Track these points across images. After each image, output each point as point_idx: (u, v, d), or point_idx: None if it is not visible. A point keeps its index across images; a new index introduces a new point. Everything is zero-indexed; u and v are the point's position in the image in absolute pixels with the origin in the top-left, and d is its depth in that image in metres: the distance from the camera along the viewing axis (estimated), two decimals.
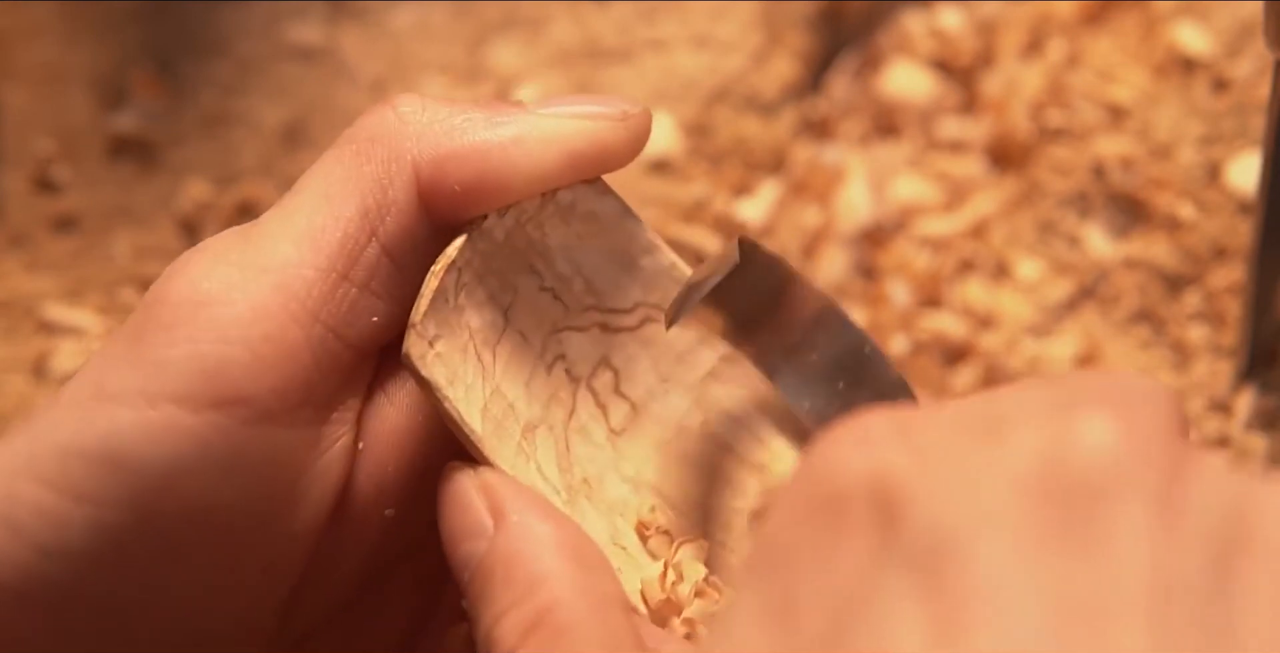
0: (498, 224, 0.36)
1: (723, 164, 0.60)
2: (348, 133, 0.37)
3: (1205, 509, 0.26)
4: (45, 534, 0.33)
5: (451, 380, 0.35)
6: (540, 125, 0.36)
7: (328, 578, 0.36)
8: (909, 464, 0.28)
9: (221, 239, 0.36)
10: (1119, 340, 0.55)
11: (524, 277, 0.37)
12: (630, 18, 0.63)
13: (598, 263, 0.38)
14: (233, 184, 0.59)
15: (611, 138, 0.37)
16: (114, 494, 0.33)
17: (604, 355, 0.38)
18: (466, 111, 0.36)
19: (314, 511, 0.36)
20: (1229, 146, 0.57)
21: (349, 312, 0.35)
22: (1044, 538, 0.26)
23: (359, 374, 0.36)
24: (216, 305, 0.34)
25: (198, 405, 0.33)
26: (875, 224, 0.59)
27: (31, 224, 0.59)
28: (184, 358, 0.34)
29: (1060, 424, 0.27)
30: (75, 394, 0.34)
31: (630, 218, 0.38)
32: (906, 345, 0.56)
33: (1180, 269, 0.56)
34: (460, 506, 0.35)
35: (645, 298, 0.38)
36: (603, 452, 0.38)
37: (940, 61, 0.63)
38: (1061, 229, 0.57)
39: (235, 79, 0.62)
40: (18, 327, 0.57)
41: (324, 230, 0.35)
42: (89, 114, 0.61)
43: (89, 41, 0.63)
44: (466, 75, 0.62)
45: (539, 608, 0.33)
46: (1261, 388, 0.53)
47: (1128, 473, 0.27)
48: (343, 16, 0.63)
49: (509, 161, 0.36)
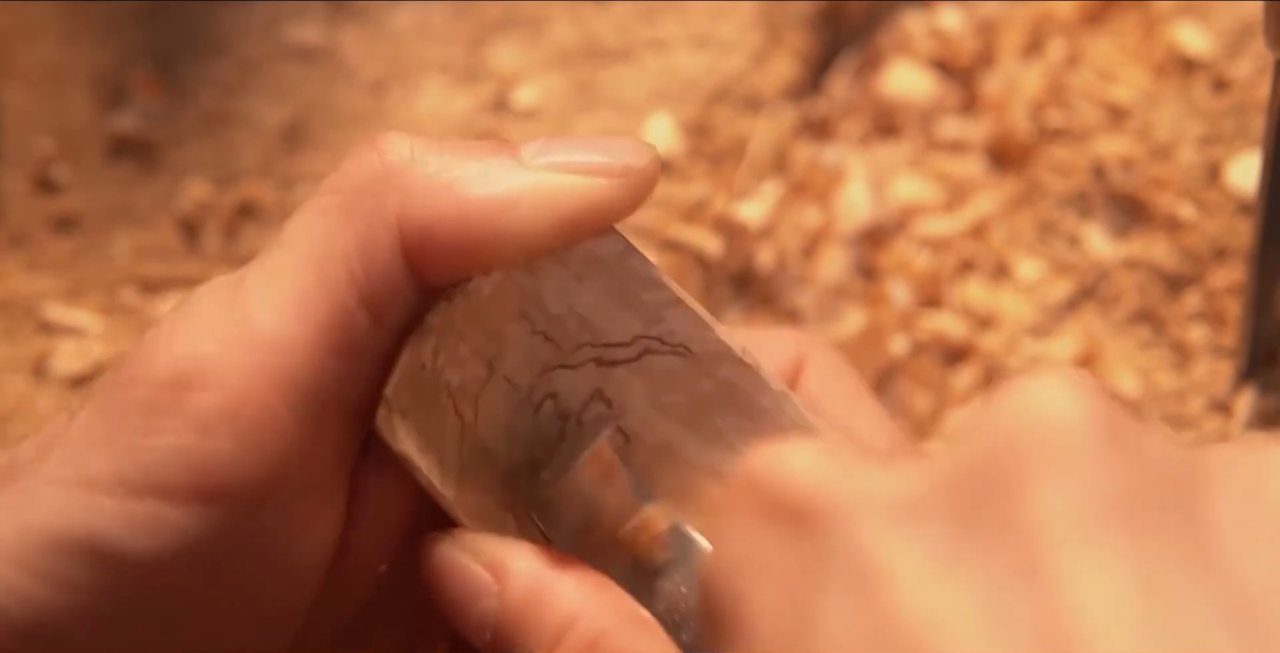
0: (485, 282, 0.35)
1: (723, 164, 0.60)
2: (333, 180, 0.35)
3: (1160, 450, 0.26)
4: (27, 621, 0.32)
5: (424, 448, 0.34)
6: (535, 186, 0.34)
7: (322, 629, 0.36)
8: (832, 475, 0.28)
9: (204, 305, 0.34)
10: (1119, 340, 0.55)
11: (513, 325, 0.36)
12: (630, 18, 0.63)
13: (595, 302, 0.36)
14: (233, 184, 0.59)
15: (610, 200, 0.35)
16: (98, 584, 0.32)
17: (597, 389, 0.37)
18: (458, 162, 0.34)
19: (306, 580, 0.35)
20: (1229, 146, 0.57)
21: (339, 385, 0.34)
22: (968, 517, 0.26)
23: (350, 439, 0.35)
24: (200, 390, 0.32)
25: (182, 499, 0.32)
26: (875, 224, 0.59)
27: (31, 224, 0.59)
28: (167, 449, 0.32)
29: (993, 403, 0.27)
30: (57, 474, 0.33)
31: (632, 255, 0.36)
32: (906, 345, 0.56)
33: (1180, 269, 0.56)
34: (456, 572, 0.34)
35: (646, 331, 0.37)
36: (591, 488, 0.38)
37: (940, 61, 0.63)
38: (1061, 229, 0.57)
39: (235, 79, 0.62)
40: (18, 327, 0.57)
41: (311, 298, 0.33)
42: (89, 114, 0.61)
43: (89, 41, 0.63)
44: (466, 75, 0.62)
45: (587, 639, 0.33)
46: (1261, 388, 0.53)
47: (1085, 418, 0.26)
48: (343, 16, 0.63)
49: (499, 230, 0.34)
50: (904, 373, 0.56)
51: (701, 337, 0.37)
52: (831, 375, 0.40)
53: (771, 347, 0.40)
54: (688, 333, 0.37)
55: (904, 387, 0.55)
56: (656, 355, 0.37)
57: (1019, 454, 0.26)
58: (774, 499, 0.28)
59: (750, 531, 0.28)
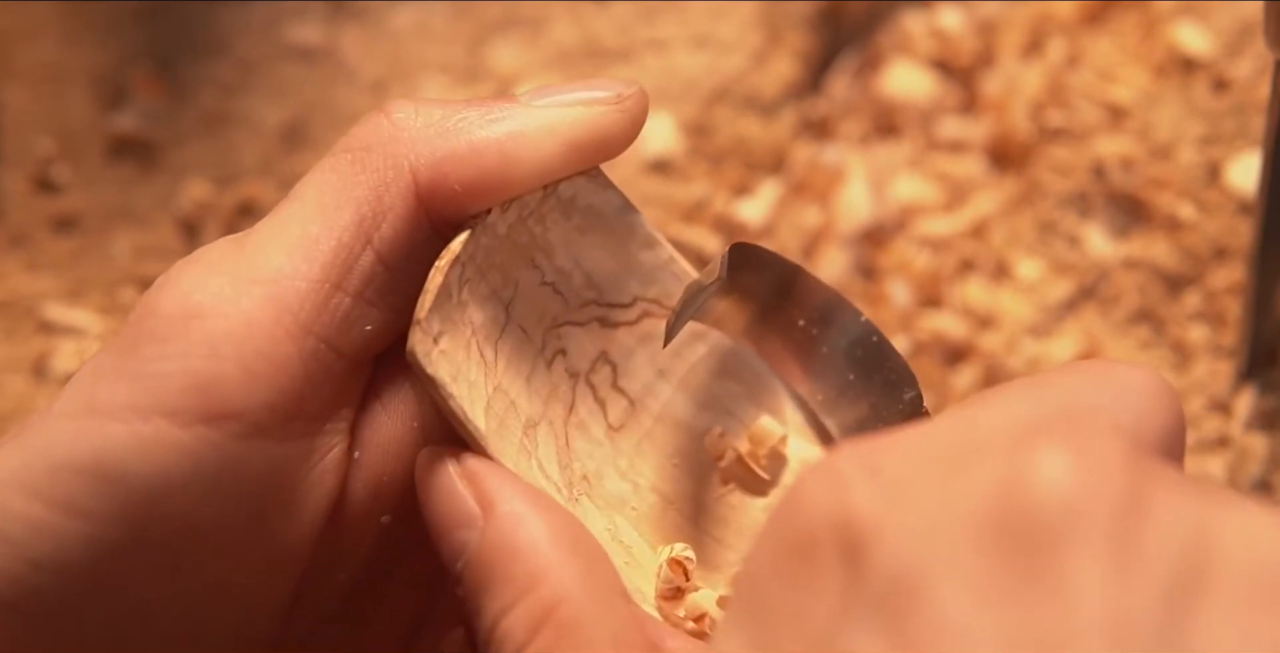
0: (500, 218, 0.36)
1: (723, 164, 0.60)
2: (343, 141, 0.36)
3: (1161, 545, 0.26)
4: (37, 548, 0.33)
5: (455, 377, 0.35)
6: (536, 117, 0.36)
7: (326, 583, 0.36)
8: (874, 504, 0.28)
9: (214, 248, 0.35)
10: (1119, 340, 0.55)
11: (525, 271, 0.37)
12: (630, 18, 0.63)
13: (597, 257, 0.38)
14: (233, 184, 0.59)
15: (609, 123, 0.36)
16: (106, 509, 0.33)
17: (603, 350, 0.38)
18: (461, 111, 0.36)
19: (309, 520, 0.35)
20: (1229, 146, 0.57)
21: (343, 322, 0.35)
22: (1000, 582, 0.26)
23: (353, 383, 0.36)
24: (208, 319, 0.34)
25: (189, 420, 0.33)
26: (875, 224, 0.59)
27: (31, 224, 0.59)
28: (175, 373, 0.33)
29: (1018, 459, 0.27)
30: (67, 406, 0.34)
31: (630, 212, 0.38)
32: (907, 346, 0.56)
33: (1180, 269, 0.56)
34: (445, 494, 0.35)
35: (644, 293, 0.38)
36: (601, 448, 0.38)
37: (940, 61, 0.63)
38: (1061, 229, 0.57)
39: (235, 79, 0.62)
40: (18, 327, 0.57)
41: (317, 240, 0.35)
42: (89, 114, 0.61)
43: (89, 41, 0.63)
44: (466, 75, 0.62)
45: (545, 604, 0.33)
46: (1261, 388, 0.53)
47: (1080, 512, 0.26)
48: (343, 16, 0.63)
49: (509, 157, 0.35)
50: None
51: None
52: None
53: None
54: None
55: None
56: (654, 319, 0.39)
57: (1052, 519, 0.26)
58: (806, 534, 0.28)
59: (783, 563, 0.28)
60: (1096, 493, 0.27)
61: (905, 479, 0.28)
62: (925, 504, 0.27)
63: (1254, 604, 0.25)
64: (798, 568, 0.28)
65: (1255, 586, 0.26)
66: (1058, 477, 0.27)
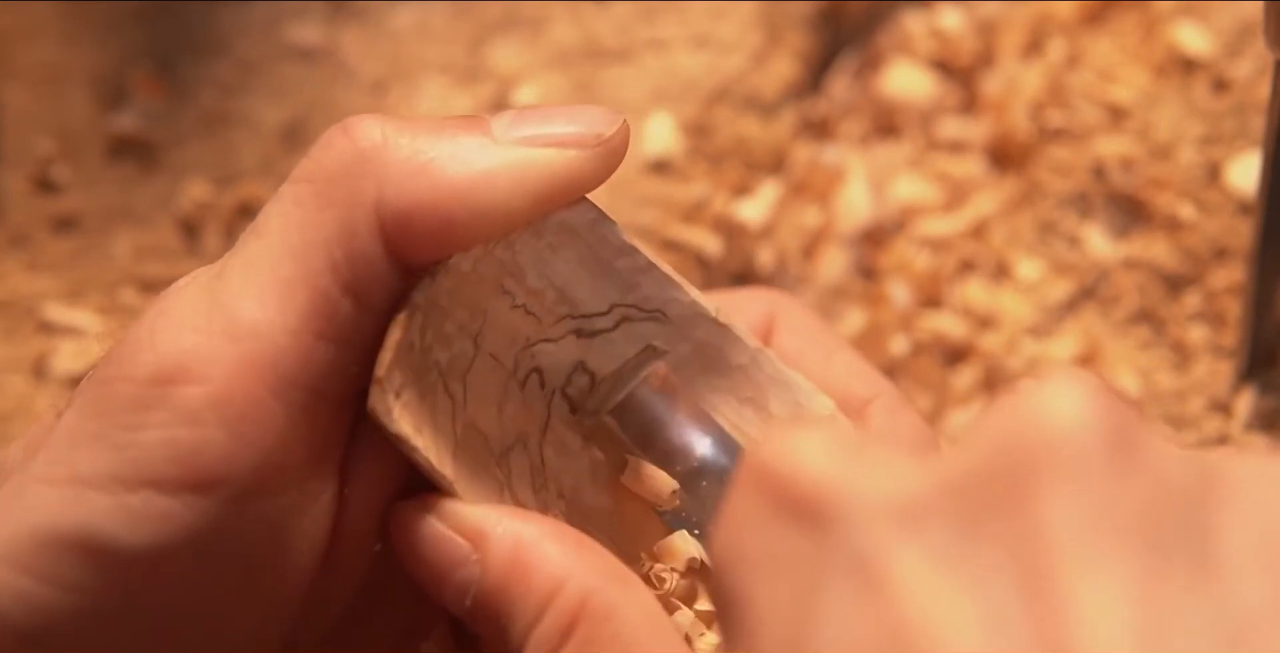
0: (464, 258, 0.35)
1: (723, 164, 0.60)
2: (305, 167, 0.35)
3: (1171, 460, 0.26)
4: (26, 621, 0.32)
5: (419, 429, 0.34)
6: (506, 163, 0.34)
7: (322, 612, 0.36)
8: (842, 470, 0.28)
9: (184, 297, 0.34)
10: (1119, 341, 0.55)
11: (494, 299, 0.36)
12: (630, 18, 0.63)
13: (570, 271, 0.37)
14: (233, 184, 0.59)
15: (584, 170, 0.35)
16: (96, 581, 0.32)
17: (579, 360, 0.37)
18: (430, 144, 0.34)
19: (304, 564, 0.35)
20: (1229, 146, 0.57)
21: (327, 371, 0.34)
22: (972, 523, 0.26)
23: (339, 424, 0.35)
24: (186, 384, 0.32)
25: (175, 489, 0.32)
26: (875, 224, 0.59)
27: (31, 224, 0.59)
28: (158, 443, 0.32)
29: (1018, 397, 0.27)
30: (47, 472, 0.33)
31: (603, 223, 0.37)
32: (906, 346, 0.56)
33: (1180, 269, 0.56)
34: (430, 541, 0.34)
35: (622, 299, 0.38)
36: (578, 460, 0.38)
37: (940, 61, 0.63)
38: (1061, 229, 0.57)
39: (235, 79, 0.62)
40: (18, 327, 0.57)
41: (291, 285, 0.33)
42: (89, 114, 0.61)
43: (89, 41, 0.63)
44: (466, 75, 0.62)
45: (574, 602, 0.33)
46: (1261, 388, 0.53)
47: (1088, 427, 0.26)
48: (343, 16, 0.63)
49: (476, 209, 0.34)
50: (904, 373, 0.56)
51: (676, 300, 0.38)
52: (803, 329, 0.41)
53: (742, 306, 0.40)
54: (662, 297, 0.38)
55: (904, 387, 0.55)
56: (634, 323, 0.38)
57: (1027, 462, 0.26)
58: (781, 492, 0.28)
59: (757, 522, 0.28)
60: (1101, 417, 0.26)
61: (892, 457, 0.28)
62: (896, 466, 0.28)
63: (1272, 516, 0.25)
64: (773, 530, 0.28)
65: (1269, 500, 0.25)
66: (1062, 402, 0.26)
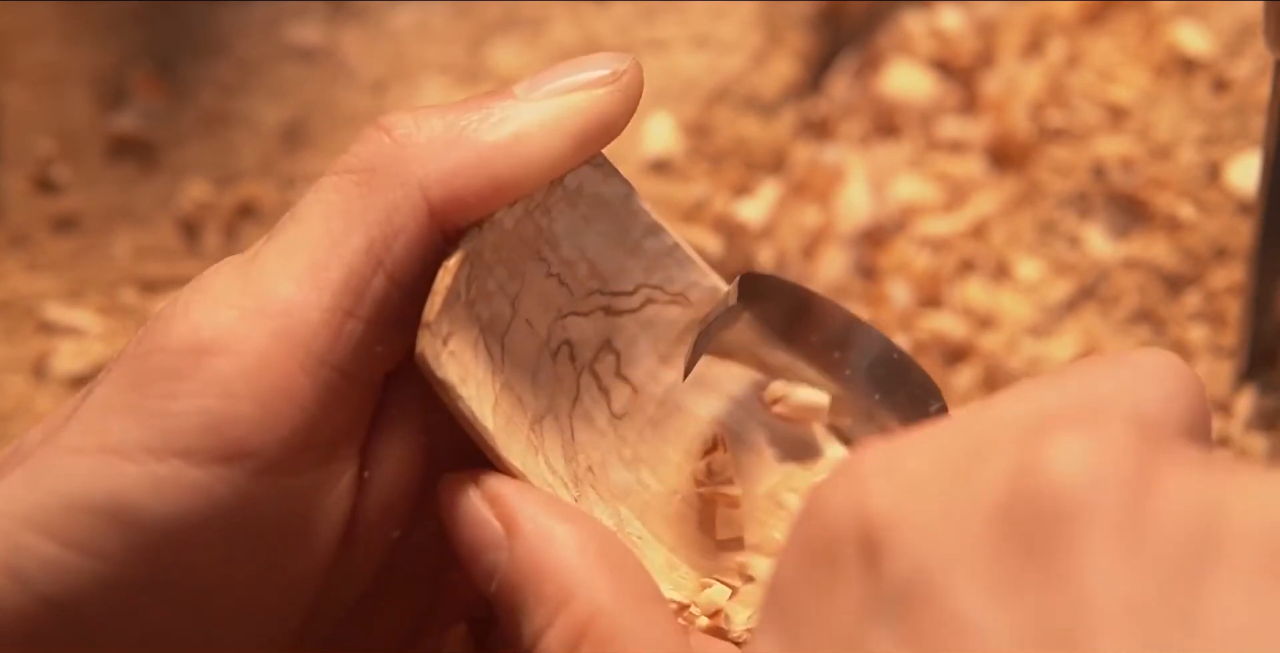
0: (507, 214, 0.36)
1: (723, 164, 0.60)
2: (344, 160, 0.35)
3: (1171, 522, 0.26)
4: (51, 586, 0.32)
5: (464, 379, 0.35)
6: (539, 113, 0.35)
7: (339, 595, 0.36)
8: (891, 503, 0.28)
9: (219, 275, 0.35)
10: (1119, 340, 0.55)
11: (531, 264, 0.37)
12: (630, 18, 0.63)
13: (601, 246, 0.38)
14: (233, 184, 0.59)
15: (611, 106, 0.36)
16: (122, 548, 0.33)
17: (606, 339, 0.38)
18: (461, 116, 0.35)
19: (324, 544, 0.35)
20: (1229, 147, 0.57)
21: (357, 349, 0.34)
22: (1012, 574, 0.26)
23: (365, 404, 0.36)
24: (220, 355, 0.33)
25: (205, 460, 0.33)
26: (875, 224, 0.59)
27: (31, 224, 0.59)
28: (189, 413, 0.33)
29: (1030, 448, 0.27)
30: (78, 441, 0.33)
31: (634, 199, 0.38)
32: (907, 346, 0.56)
33: (1180, 269, 0.56)
34: (469, 518, 0.34)
35: (647, 279, 0.38)
36: (605, 437, 0.38)
37: (940, 61, 0.63)
38: (1061, 229, 0.57)
39: (235, 79, 0.62)
40: (18, 327, 0.57)
41: (326, 266, 0.34)
42: (89, 114, 0.61)
43: (89, 41, 0.63)
44: (466, 75, 0.62)
45: (581, 620, 0.33)
46: (1261, 388, 0.53)
47: (1091, 498, 0.26)
48: (343, 16, 0.63)
49: (519, 160, 0.35)
50: None
51: (697, 284, 0.39)
52: None
53: None
54: (685, 280, 0.39)
55: None
56: (658, 305, 0.39)
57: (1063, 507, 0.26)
58: (819, 538, 0.28)
59: (800, 569, 0.28)
60: (1107, 478, 0.26)
61: (923, 476, 0.28)
62: (940, 500, 0.27)
63: (1265, 571, 0.25)
64: (821, 571, 0.28)
65: (1266, 552, 0.25)
66: (1068, 464, 0.26)
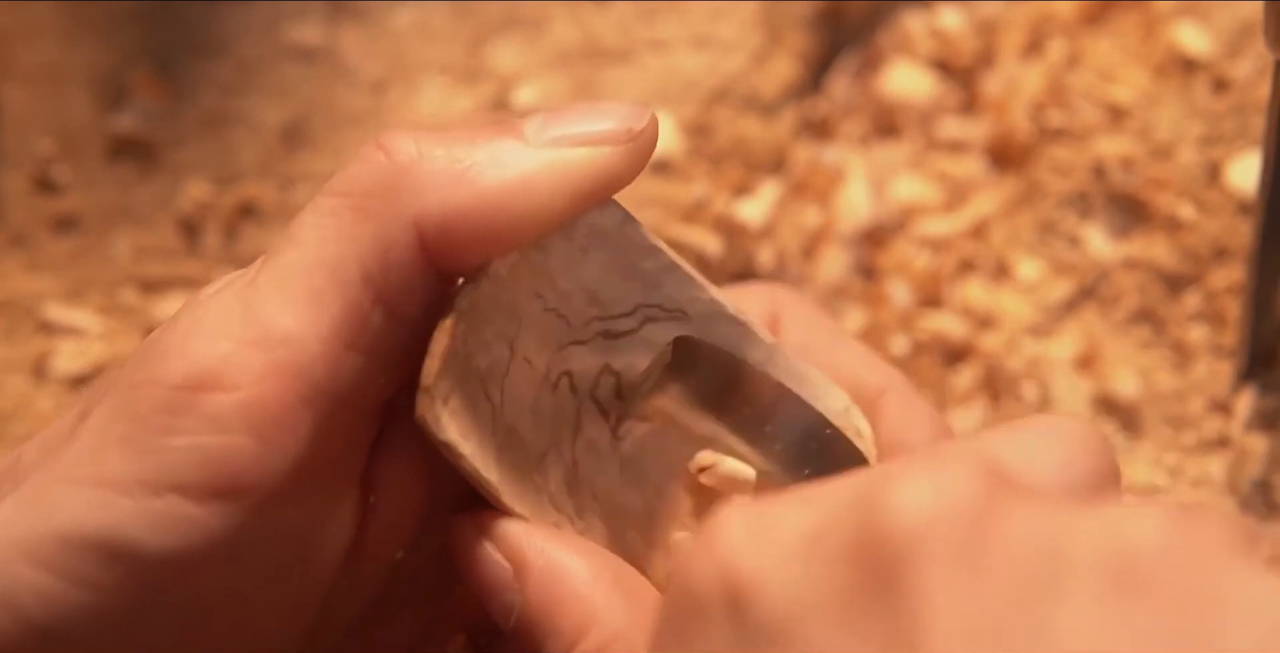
0: (502, 263, 0.35)
1: (723, 164, 0.60)
2: (341, 183, 0.35)
3: (1015, 552, 0.26)
4: (46, 618, 0.32)
5: (466, 435, 0.34)
6: (544, 163, 0.34)
7: (341, 613, 0.36)
8: (754, 559, 0.28)
9: (218, 303, 0.34)
10: (1119, 340, 0.55)
11: (528, 302, 0.36)
12: (630, 18, 0.63)
13: (599, 273, 0.37)
14: (233, 184, 0.59)
15: (620, 165, 0.35)
16: (118, 583, 0.32)
17: (606, 363, 0.38)
18: (466, 153, 0.34)
19: (325, 570, 0.35)
20: (1229, 147, 0.57)
21: (355, 379, 0.34)
22: (863, 611, 0.26)
23: (364, 432, 0.35)
24: (217, 390, 0.33)
25: (202, 495, 0.32)
26: (875, 224, 0.59)
27: (31, 224, 0.59)
28: (186, 448, 0.32)
29: (877, 492, 0.27)
30: (74, 473, 0.33)
31: (630, 224, 0.37)
32: (906, 345, 0.56)
33: (1180, 269, 0.56)
34: (479, 561, 0.34)
35: (646, 300, 0.38)
36: (608, 461, 0.38)
37: (940, 61, 0.63)
38: (1061, 229, 0.57)
39: (235, 79, 0.62)
40: (18, 327, 0.57)
41: (324, 295, 0.33)
42: (89, 114, 0.61)
43: (89, 41, 0.63)
44: (466, 75, 0.62)
45: (598, 647, 0.33)
46: (1261, 388, 0.53)
47: (930, 533, 0.26)
48: (343, 16, 0.63)
49: (518, 213, 0.34)
50: (904, 373, 0.55)
51: (696, 299, 0.38)
52: (808, 322, 0.42)
53: (747, 302, 0.40)
54: (684, 296, 0.38)
55: None
56: (656, 324, 0.38)
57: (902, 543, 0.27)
58: (689, 600, 0.28)
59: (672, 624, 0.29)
60: (946, 513, 0.27)
61: (783, 531, 0.28)
62: (799, 549, 0.27)
63: (1113, 588, 0.25)
64: (694, 631, 0.28)
65: (1109, 574, 0.26)
66: (908, 502, 0.27)
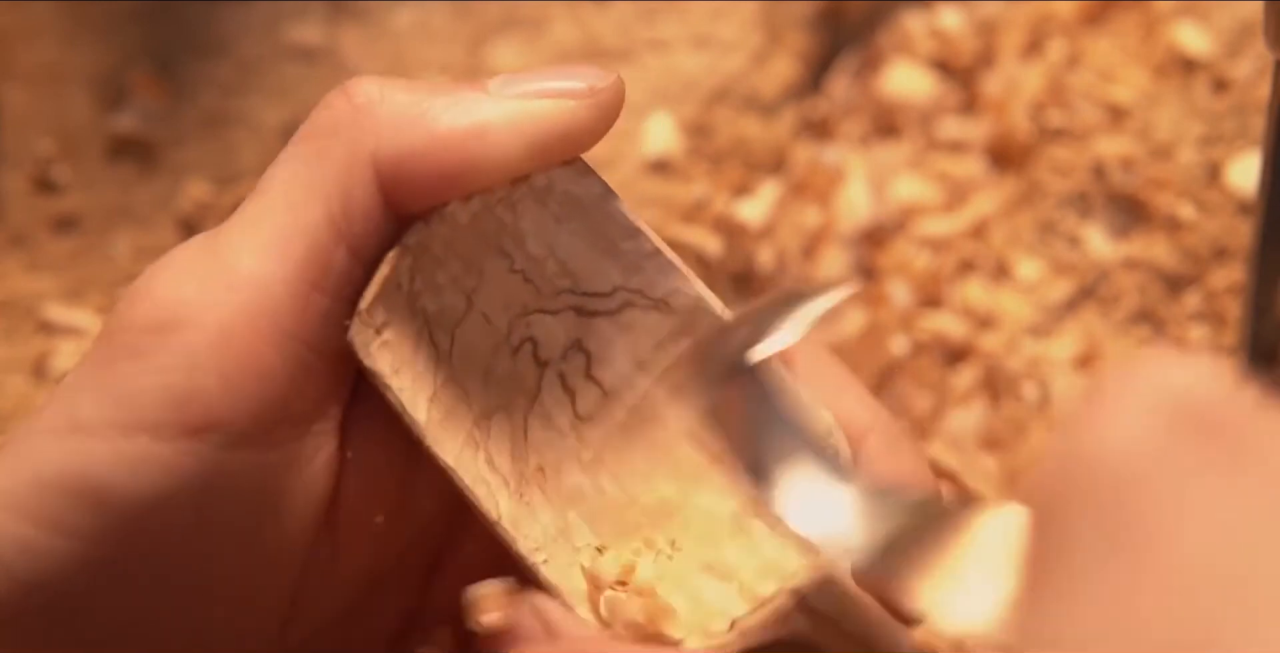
0: (461, 209, 0.35)
1: (723, 164, 0.60)
2: (307, 127, 0.35)
3: None
4: (24, 567, 0.32)
5: (398, 369, 0.34)
6: (504, 112, 0.34)
7: (324, 585, 0.36)
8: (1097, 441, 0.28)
9: (185, 252, 0.34)
10: (1119, 340, 0.55)
11: (492, 259, 0.36)
12: (630, 18, 0.63)
13: (574, 245, 0.37)
14: (233, 184, 0.59)
15: (580, 119, 0.35)
16: (94, 527, 0.33)
17: (577, 339, 0.37)
18: (426, 98, 0.35)
19: (302, 522, 0.35)
20: (1229, 147, 0.57)
21: (323, 323, 0.34)
22: None
23: (337, 381, 0.35)
24: (184, 330, 0.33)
25: (171, 435, 0.33)
26: (875, 224, 0.59)
27: (31, 224, 0.59)
28: (154, 388, 0.33)
29: None
30: (49, 422, 0.33)
31: (611, 200, 0.37)
32: (906, 345, 0.56)
33: (1180, 269, 0.56)
34: None
35: (626, 282, 0.37)
36: (564, 439, 0.37)
37: (940, 61, 0.63)
38: (1061, 229, 0.57)
39: (235, 79, 0.62)
40: (18, 327, 0.57)
41: (289, 239, 0.34)
42: (89, 114, 0.61)
43: (89, 41, 0.63)
44: (466, 75, 0.62)
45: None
46: None
47: None
48: (343, 16, 0.63)
49: (472, 156, 0.34)
50: (904, 373, 0.56)
51: (680, 291, 0.37)
52: (806, 351, 0.41)
53: None
54: (667, 286, 0.37)
55: (904, 387, 0.55)
56: (637, 309, 0.37)
57: None
58: None
59: None
60: None
61: None
62: None
63: None
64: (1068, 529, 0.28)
65: None
66: None
